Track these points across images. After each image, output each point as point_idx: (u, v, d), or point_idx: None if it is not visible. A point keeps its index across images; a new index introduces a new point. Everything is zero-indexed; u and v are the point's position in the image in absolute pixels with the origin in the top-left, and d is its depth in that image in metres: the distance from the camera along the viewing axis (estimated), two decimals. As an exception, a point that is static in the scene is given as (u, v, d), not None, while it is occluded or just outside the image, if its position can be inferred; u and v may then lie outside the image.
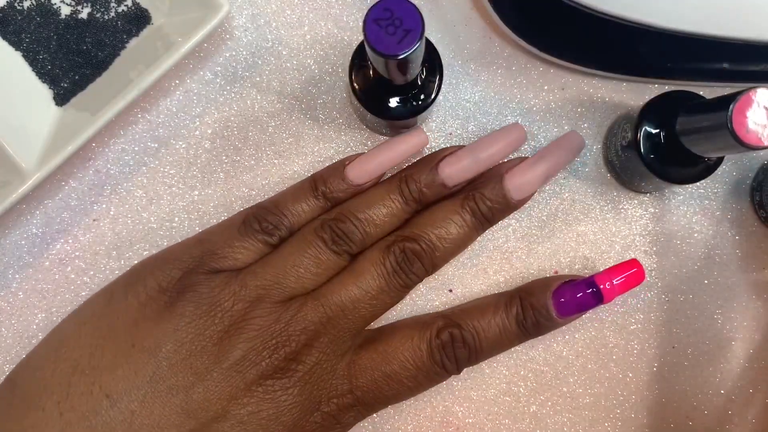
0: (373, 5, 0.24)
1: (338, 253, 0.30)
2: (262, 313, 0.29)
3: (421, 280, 0.31)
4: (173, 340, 0.28)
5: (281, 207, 0.31)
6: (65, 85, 0.33)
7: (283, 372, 0.29)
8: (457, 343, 0.30)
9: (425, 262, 0.31)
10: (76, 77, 0.34)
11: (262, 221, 0.31)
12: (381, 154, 0.31)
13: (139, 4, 0.34)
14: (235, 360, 0.28)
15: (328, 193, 0.31)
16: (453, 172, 0.31)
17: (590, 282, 0.31)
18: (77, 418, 0.28)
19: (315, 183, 0.32)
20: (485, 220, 0.31)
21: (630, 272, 0.31)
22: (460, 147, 0.32)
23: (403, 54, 0.24)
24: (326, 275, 0.30)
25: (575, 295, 0.31)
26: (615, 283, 0.31)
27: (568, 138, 0.33)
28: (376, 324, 0.32)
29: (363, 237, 0.31)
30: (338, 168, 0.32)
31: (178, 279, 0.30)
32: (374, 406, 0.31)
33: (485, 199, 0.31)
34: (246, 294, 0.29)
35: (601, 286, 0.31)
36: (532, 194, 0.32)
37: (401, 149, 0.31)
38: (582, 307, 0.31)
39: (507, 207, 0.32)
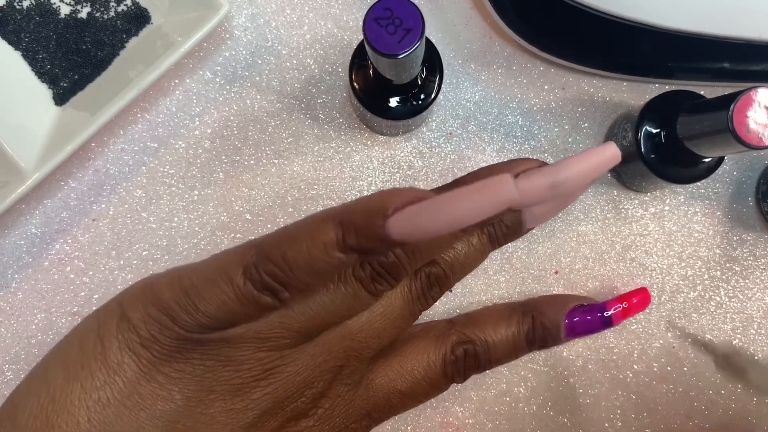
0: (374, 5, 0.24)
1: (376, 295, 0.26)
2: (291, 368, 0.26)
3: (435, 302, 0.31)
4: (185, 402, 0.24)
5: (290, 262, 0.22)
6: (65, 84, 0.33)
7: (306, 412, 0.28)
8: (469, 359, 0.30)
9: (443, 285, 0.30)
10: (76, 77, 0.33)
11: (264, 277, 0.23)
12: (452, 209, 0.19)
13: (138, 3, 0.34)
14: (255, 418, 0.26)
15: (360, 249, 0.22)
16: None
17: (602, 307, 0.32)
18: None
19: (343, 235, 0.22)
20: (497, 243, 0.31)
21: (640, 298, 0.32)
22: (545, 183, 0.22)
23: (403, 53, 0.24)
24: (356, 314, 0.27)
25: (587, 319, 0.32)
26: (624, 307, 0.32)
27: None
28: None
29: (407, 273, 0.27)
30: (377, 216, 0.20)
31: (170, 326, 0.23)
32: (384, 420, 0.31)
33: (503, 226, 0.30)
34: (266, 358, 0.25)
35: (612, 312, 0.32)
36: None
37: (482, 208, 0.19)
38: (591, 331, 0.32)
39: (518, 233, 0.31)
